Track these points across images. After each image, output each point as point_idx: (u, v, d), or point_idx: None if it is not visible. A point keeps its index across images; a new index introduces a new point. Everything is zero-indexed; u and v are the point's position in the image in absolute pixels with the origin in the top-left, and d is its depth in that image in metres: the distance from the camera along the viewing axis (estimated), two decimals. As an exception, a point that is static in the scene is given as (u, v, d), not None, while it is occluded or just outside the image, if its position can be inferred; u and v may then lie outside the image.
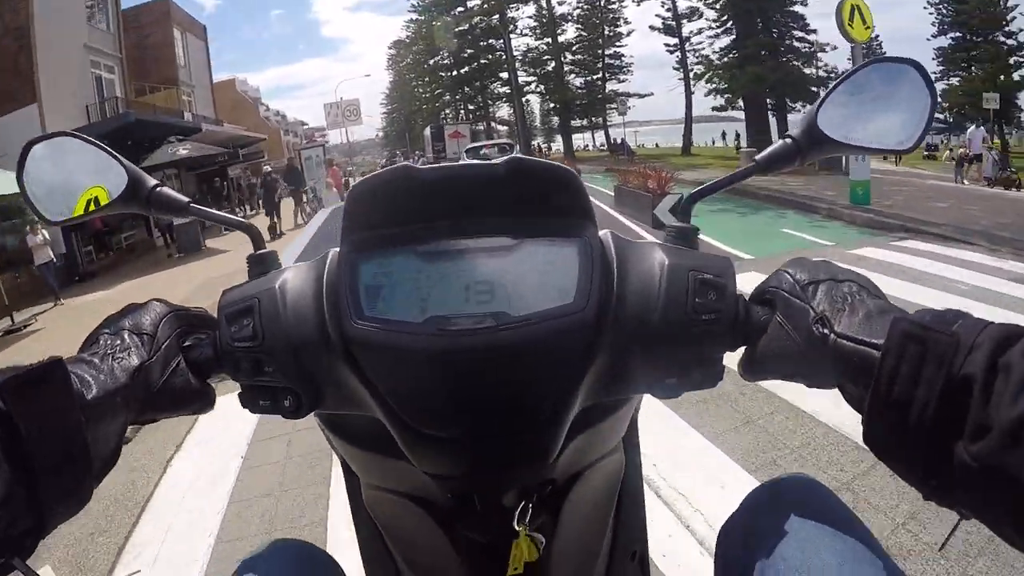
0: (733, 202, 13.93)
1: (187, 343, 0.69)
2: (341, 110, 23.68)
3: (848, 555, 0.62)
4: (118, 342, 0.63)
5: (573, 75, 50.27)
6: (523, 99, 51.43)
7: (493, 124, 60.84)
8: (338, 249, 0.68)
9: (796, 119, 1.03)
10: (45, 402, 0.49)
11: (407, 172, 0.65)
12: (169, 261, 17.08)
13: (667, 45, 41.43)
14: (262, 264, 0.76)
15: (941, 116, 39.77)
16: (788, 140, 0.74)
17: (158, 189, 0.78)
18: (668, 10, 40.05)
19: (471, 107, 61.00)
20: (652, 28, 40.88)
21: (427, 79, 62.84)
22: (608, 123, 50.78)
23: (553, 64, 49.28)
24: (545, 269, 0.63)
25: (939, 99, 0.78)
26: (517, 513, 0.67)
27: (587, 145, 60.90)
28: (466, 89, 58.34)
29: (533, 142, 54.88)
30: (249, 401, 0.68)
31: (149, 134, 19.62)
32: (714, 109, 34.64)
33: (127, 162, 0.77)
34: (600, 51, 48.56)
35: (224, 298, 0.69)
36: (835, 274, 0.63)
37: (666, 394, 0.65)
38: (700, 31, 41.18)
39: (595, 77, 49.48)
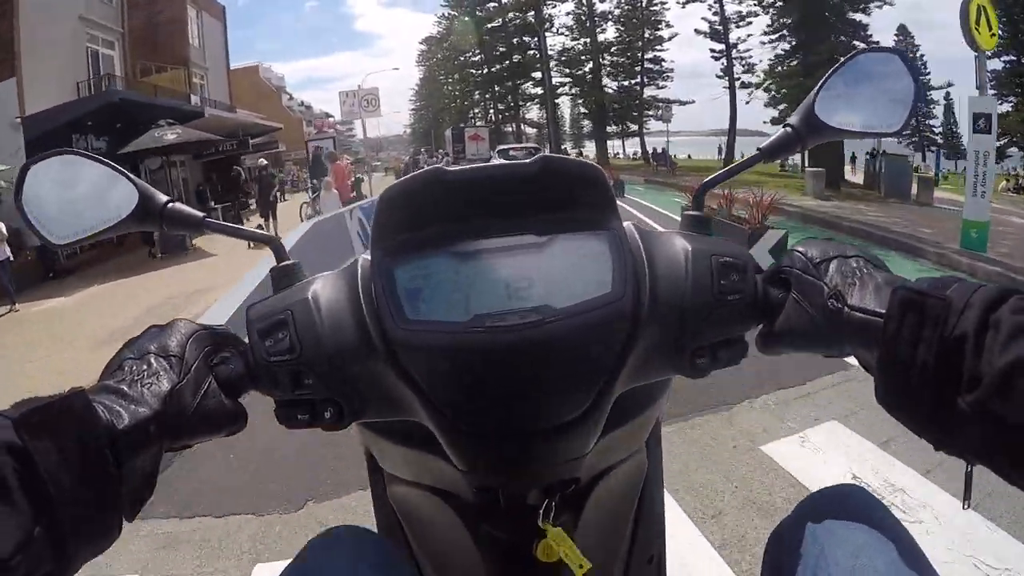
0: (814, 232, 11.67)
1: (215, 362, 0.66)
2: (358, 99, 20.81)
3: (896, 563, 0.64)
4: (145, 367, 0.61)
5: (610, 78, 47.95)
6: (555, 101, 49.25)
7: (523, 126, 58.92)
8: (366, 255, 0.69)
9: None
10: (65, 436, 0.48)
11: (438, 175, 0.67)
12: (149, 263, 15.08)
13: (712, 51, 38.98)
14: (287, 276, 0.75)
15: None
16: (788, 129, 0.78)
17: (170, 205, 0.77)
18: (715, 14, 37.69)
19: (501, 107, 59.02)
20: (698, 32, 38.55)
21: (456, 76, 60.97)
22: (644, 131, 48.29)
23: (590, 64, 46.90)
24: (580, 262, 0.65)
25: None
26: (541, 511, 0.69)
27: (616, 153, 58.68)
28: (496, 89, 56.40)
29: (563, 146, 52.58)
30: (286, 416, 0.67)
31: (142, 116, 17.53)
32: (773, 121, 31.85)
33: (136, 179, 0.76)
34: (639, 54, 46.22)
35: (252, 313, 0.68)
36: (843, 250, 0.66)
37: (697, 373, 0.68)
38: (750, 36, 38.68)
39: (632, 82, 47.26)
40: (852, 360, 0.63)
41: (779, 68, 31.65)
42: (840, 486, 0.78)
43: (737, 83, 37.43)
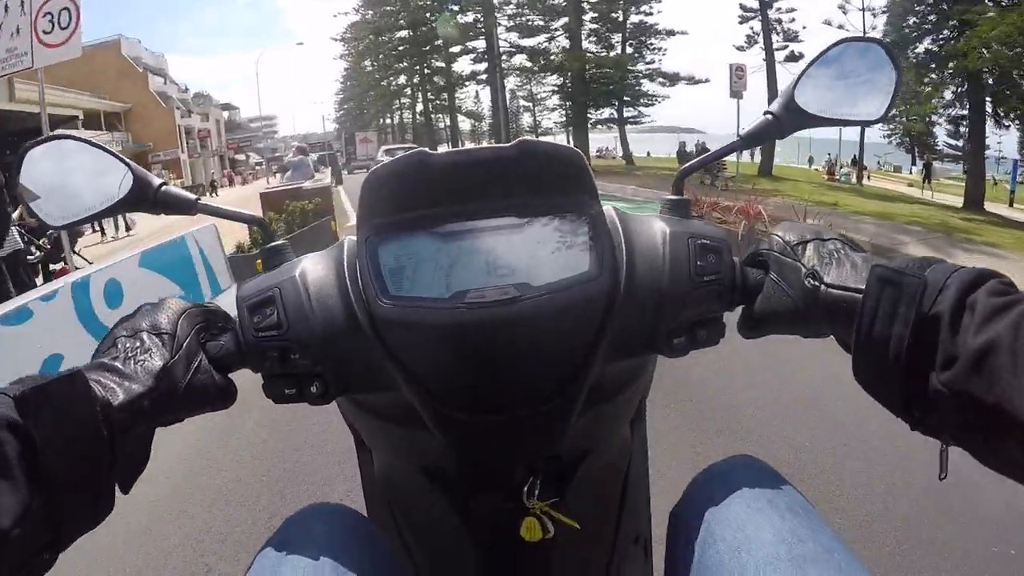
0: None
1: (205, 339, 0.68)
2: (32, 15, 7.23)
3: (785, 532, 0.63)
4: (137, 344, 0.62)
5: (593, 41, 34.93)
6: (503, 76, 36.78)
7: (458, 118, 47.43)
8: (353, 237, 0.71)
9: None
10: (63, 413, 0.50)
11: (421, 158, 0.67)
12: None
13: (743, 8, 28.21)
14: (276, 256, 0.77)
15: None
16: (769, 116, 0.79)
17: (164, 188, 0.79)
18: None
19: (430, 94, 47.37)
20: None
21: (380, 55, 48.34)
22: (632, 117, 35.69)
23: (563, 20, 33.75)
24: (558, 243, 0.67)
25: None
26: (526, 489, 0.71)
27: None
28: (425, 68, 44.54)
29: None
30: (274, 391, 0.69)
31: None
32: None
33: (131, 162, 0.78)
34: (622, 17, 33.88)
35: (242, 290, 0.70)
36: (820, 233, 0.69)
37: (674, 353, 0.70)
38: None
39: (613, 53, 34.55)
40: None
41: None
42: (730, 459, 0.78)
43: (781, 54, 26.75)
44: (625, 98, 34.10)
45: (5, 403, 0.47)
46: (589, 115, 34.96)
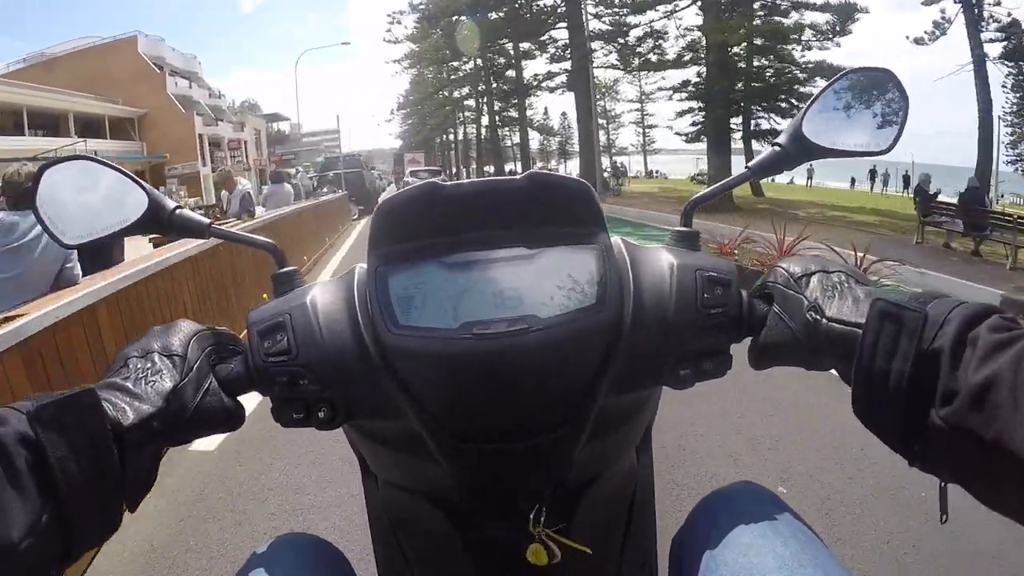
0: None
1: (215, 362, 0.69)
2: None
3: (787, 558, 0.64)
4: (148, 365, 0.63)
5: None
6: (592, 75, 27.14)
7: (528, 133, 39.75)
8: (364, 265, 0.72)
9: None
10: (76, 429, 0.51)
11: (433, 188, 0.69)
12: None
13: None
14: (286, 282, 0.77)
15: None
16: (777, 148, 0.78)
17: (178, 211, 0.80)
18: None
19: (496, 101, 39.78)
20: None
21: (440, 52, 40.64)
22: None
23: None
24: (567, 274, 0.67)
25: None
26: (532, 516, 0.70)
27: (649, 171, 39.34)
28: (491, 68, 36.90)
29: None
30: (282, 415, 0.69)
31: None
32: None
33: (146, 185, 0.79)
34: None
35: (253, 315, 0.71)
36: (825, 266, 0.68)
37: (681, 385, 0.70)
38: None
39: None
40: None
41: None
42: (733, 485, 0.79)
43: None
44: (792, 100, 23.17)
45: (19, 418, 0.48)
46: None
